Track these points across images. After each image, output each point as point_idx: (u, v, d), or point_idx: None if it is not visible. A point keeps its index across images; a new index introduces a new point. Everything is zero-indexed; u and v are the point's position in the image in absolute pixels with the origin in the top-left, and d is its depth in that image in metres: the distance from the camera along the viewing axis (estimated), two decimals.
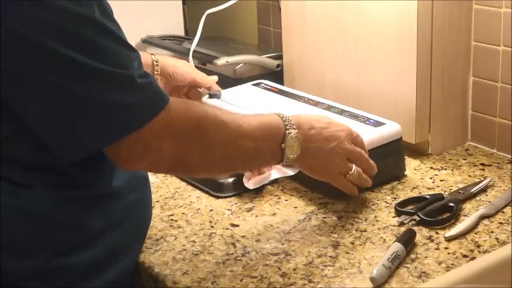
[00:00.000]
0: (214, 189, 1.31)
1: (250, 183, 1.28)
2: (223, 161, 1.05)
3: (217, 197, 1.30)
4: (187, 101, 1.06)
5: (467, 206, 1.22)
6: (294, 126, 1.09)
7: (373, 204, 1.24)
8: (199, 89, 1.55)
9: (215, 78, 1.54)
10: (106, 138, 0.93)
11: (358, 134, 1.20)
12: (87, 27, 0.89)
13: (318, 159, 1.15)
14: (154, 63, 1.46)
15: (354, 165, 1.17)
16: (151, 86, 0.95)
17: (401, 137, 1.34)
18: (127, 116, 0.92)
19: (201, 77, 1.52)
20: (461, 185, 1.29)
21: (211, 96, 1.53)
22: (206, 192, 1.32)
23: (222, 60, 1.68)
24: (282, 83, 1.65)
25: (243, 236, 1.17)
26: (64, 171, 0.99)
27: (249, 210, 1.25)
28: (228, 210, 1.25)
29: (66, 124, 0.91)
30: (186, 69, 1.51)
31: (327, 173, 1.18)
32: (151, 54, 1.48)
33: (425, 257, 1.07)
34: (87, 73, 0.89)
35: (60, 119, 0.91)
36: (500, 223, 1.16)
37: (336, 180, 1.19)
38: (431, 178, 1.33)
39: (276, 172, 1.30)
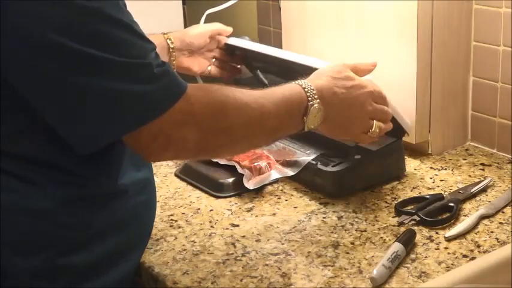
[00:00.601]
0: (214, 189, 1.31)
1: (250, 183, 1.28)
2: (247, 141, 1.06)
3: (217, 197, 1.30)
4: (206, 86, 1.06)
5: (467, 206, 1.22)
6: (316, 96, 1.08)
7: (373, 204, 1.24)
8: (225, 39, 1.54)
9: (230, 29, 1.55)
10: (123, 128, 0.93)
11: (379, 90, 1.19)
12: (100, 22, 0.90)
13: (339, 124, 1.15)
14: (169, 42, 1.46)
15: (374, 121, 1.17)
16: (168, 75, 0.95)
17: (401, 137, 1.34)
18: (144, 106, 0.92)
19: (217, 27, 1.53)
20: (461, 185, 1.29)
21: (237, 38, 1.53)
22: (206, 192, 1.32)
23: None
24: None
25: (243, 236, 1.17)
26: (71, 169, 0.99)
27: (249, 210, 1.25)
28: (228, 210, 1.25)
29: (85, 115, 0.92)
30: (199, 29, 1.51)
31: (347, 134, 1.19)
32: (164, 34, 1.47)
33: (425, 257, 1.07)
34: (105, 66, 0.89)
35: (79, 110, 0.92)
36: (500, 223, 1.16)
37: (357, 139, 1.21)
38: (431, 178, 1.33)
39: (276, 172, 1.30)
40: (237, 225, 1.20)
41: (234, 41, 1.52)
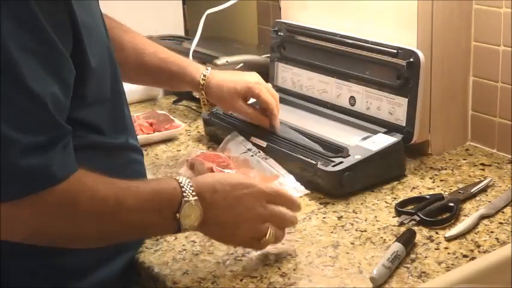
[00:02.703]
0: None
1: None
2: (97, 236, 0.97)
3: None
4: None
5: (467, 206, 1.22)
6: (193, 193, 0.98)
7: (373, 204, 1.24)
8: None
9: (277, 124, 1.41)
10: None
11: (275, 190, 1.07)
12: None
13: (223, 227, 1.03)
14: (201, 81, 1.38)
15: (269, 227, 1.04)
16: (37, 160, 0.86)
17: (401, 137, 1.34)
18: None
19: (251, 113, 1.40)
20: (461, 185, 1.29)
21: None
22: None
23: (221, 60, 1.68)
24: None
25: None
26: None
27: None
28: None
29: None
30: (228, 99, 1.39)
31: (234, 239, 1.06)
32: (204, 74, 1.38)
33: (425, 257, 1.07)
34: None
35: None
36: (500, 223, 1.16)
37: (246, 245, 1.08)
38: (431, 178, 1.33)
39: None
40: None
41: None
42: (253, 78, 1.42)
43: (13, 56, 0.83)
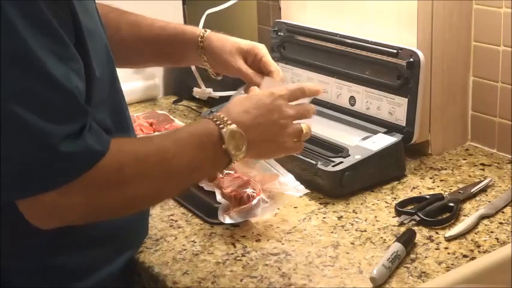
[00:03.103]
0: (208, 214, 1.23)
1: (226, 216, 1.19)
2: (155, 195, 1.01)
3: (212, 224, 1.21)
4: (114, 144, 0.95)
5: (467, 206, 1.22)
6: (227, 121, 1.01)
7: (373, 204, 1.24)
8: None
9: (277, 72, 1.27)
10: (19, 193, 0.89)
11: (291, 89, 1.09)
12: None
13: (269, 141, 1.07)
14: (202, 34, 1.29)
15: (301, 123, 1.09)
16: (77, 145, 0.89)
17: (401, 137, 1.34)
18: (41, 175, 0.88)
19: (250, 73, 1.26)
20: (461, 185, 1.29)
21: None
22: (200, 218, 1.24)
23: None
24: None
25: (243, 236, 1.17)
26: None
27: None
28: None
29: None
30: (228, 55, 1.29)
31: (281, 148, 1.09)
32: (205, 30, 1.30)
33: (425, 257, 1.07)
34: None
35: None
36: (500, 223, 1.16)
37: (295, 149, 1.12)
38: (431, 178, 1.33)
39: (258, 206, 1.20)
40: (237, 225, 1.20)
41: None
42: (260, 44, 1.33)
43: (37, 54, 0.86)
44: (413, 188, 1.30)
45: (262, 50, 1.28)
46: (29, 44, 0.85)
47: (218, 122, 1.00)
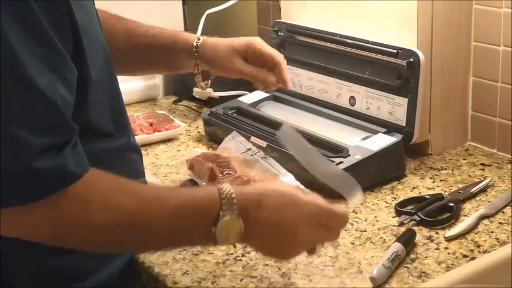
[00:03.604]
0: None
1: None
2: (116, 243, 0.93)
3: None
4: (99, 177, 0.90)
5: (467, 206, 1.22)
6: (235, 206, 0.88)
7: (373, 204, 1.24)
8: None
9: (283, 62, 1.25)
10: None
11: (328, 211, 0.95)
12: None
13: (269, 244, 0.94)
14: (195, 43, 1.27)
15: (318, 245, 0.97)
16: (52, 161, 0.84)
17: (401, 137, 1.34)
18: (4, 187, 0.82)
19: (251, 71, 1.23)
20: (461, 185, 1.29)
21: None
22: None
23: None
24: None
25: None
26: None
27: None
28: None
29: None
30: (225, 60, 1.26)
31: (285, 256, 0.97)
32: (199, 37, 1.28)
33: (425, 257, 1.07)
34: None
35: None
36: (500, 223, 1.16)
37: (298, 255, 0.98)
38: (431, 178, 1.33)
39: None
40: None
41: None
42: (254, 37, 1.31)
43: (21, 59, 0.82)
44: (413, 188, 1.30)
45: (258, 43, 1.25)
46: (14, 48, 0.82)
47: (224, 201, 0.89)
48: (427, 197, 1.23)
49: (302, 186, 1.28)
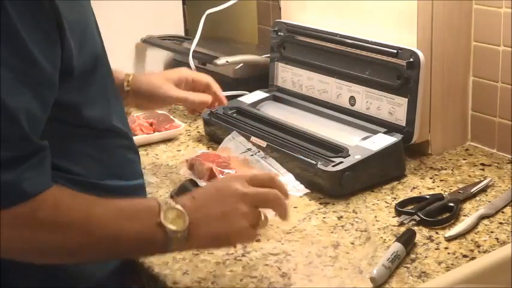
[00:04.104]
0: None
1: None
2: (70, 250, 0.92)
3: None
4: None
5: (467, 206, 1.22)
6: (173, 201, 0.95)
7: (373, 204, 1.24)
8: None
9: (211, 82, 1.36)
10: None
11: (253, 174, 1.02)
12: None
13: (217, 223, 0.96)
14: (126, 76, 1.30)
15: (260, 211, 0.99)
16: (6, 176, 0.83)
17: (401, 137, 1.34)
18: None
19: (187, 95, 1.32)
20: (461, 185, 1.29)
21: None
22: None
23: (221, 60, 1.68)
24: None
25: None
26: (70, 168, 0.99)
27: None
28: None
29: None
30: (161, 81, 1.32)
31: (233, 236, 0.98)
32: (126, 74, 1.30)
33: (425, 257, 1.07)
34: None
35: None
36: (500, 223, 1.16)
37: (246, 238, 1.01)
38: (431, 178, 1.33)
39: None
40: None
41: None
42: (181, 67, 1.40)
43: None
44: (413, 188, 1.30)
45: (187, 71, 1.36)
46: None
47: (161, 202, 0.94)
48: (427, 197, 1.23)
49: (302, 187, 1.28)
